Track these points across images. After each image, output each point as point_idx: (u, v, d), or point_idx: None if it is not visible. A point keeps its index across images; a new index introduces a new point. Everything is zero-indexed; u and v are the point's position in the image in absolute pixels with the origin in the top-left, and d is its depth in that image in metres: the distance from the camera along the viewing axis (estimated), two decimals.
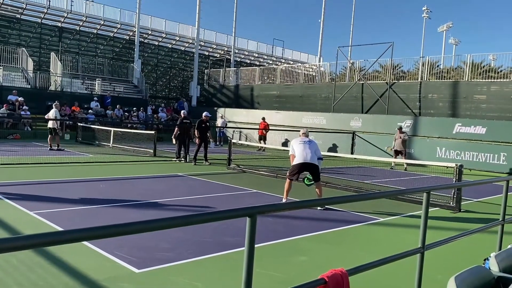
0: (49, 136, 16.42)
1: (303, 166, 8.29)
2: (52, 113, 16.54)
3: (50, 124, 16.50)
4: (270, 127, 23.23)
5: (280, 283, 4.32)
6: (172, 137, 15.50)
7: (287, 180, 8.49)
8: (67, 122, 22.49)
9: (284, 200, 8.38)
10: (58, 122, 16.98)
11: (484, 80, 20.50)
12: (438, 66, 27.50)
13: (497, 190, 11.41)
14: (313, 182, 8.52)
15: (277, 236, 6.05)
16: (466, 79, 20.69)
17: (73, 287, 3.95)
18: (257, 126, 23.17)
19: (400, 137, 16.50)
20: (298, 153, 8.37)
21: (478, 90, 19.88)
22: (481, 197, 10.64)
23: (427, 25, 54.76)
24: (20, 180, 9.56)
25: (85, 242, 5.03)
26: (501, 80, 19.85)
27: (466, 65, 21.40)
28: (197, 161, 14.49)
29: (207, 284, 4.22)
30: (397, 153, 16.51)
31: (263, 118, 23.17)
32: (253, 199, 8.93)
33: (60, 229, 5.77)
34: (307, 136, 8.76)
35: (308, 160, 8.24)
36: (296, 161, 8.36)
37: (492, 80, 20.26)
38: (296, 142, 8.58)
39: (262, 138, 22.66)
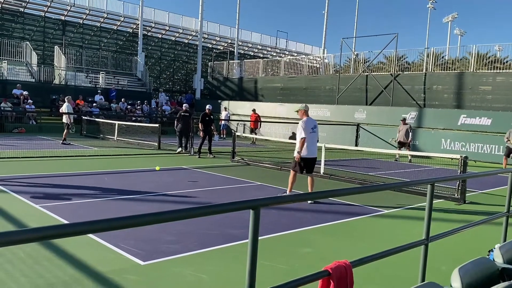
0: (65, 130, 16.51)
1: (312, 161, 8.07)
2: (64, 108, 16.60)
3: (64, 119, 16.62)
4: (274, 120, 23.17)
5: (284, 274, 4.34)
6: (175, 127, 15.91)
7: (292, 173, 8.19)
8: (73, 115, 22.55)
9: (288, 193, 8.26)
10: (71, 116, 17.02)
11: (489, 71, 20.33)
12: (443, 57, 27.28)
13: (502, 181, 11.37)
14: None
15: (281, 228, 6.07)
16: (472, 70, 20.53)
17: (79, 279, 3.98)
18: (261, 119, 23.05)
19: (404, 129, 16.32)
20: (309, 144, 7.85)
21: (484, 81, 19.72)
22: (486, 189, 10.60)
23: (432, 16, 54.29)
24: (26, 173, 9.62)
25: (90, 235, 5.06)
26: (507, 71, 19.67)
27: (472, 56, 21.22)
28: (201, 154, 14.52)
29: (211, 276, 4.25)
30: (401, 144, 16.39)
31: (254, 110, 22.98)
32: (257, 191, 8.95)
33: (65, 222, 5.82)
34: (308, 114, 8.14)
35: (316, 154, 8.15)
36: (307, 154, 7.91)
37: (498, 71, 20.09)
38: (308, 127, 7.90)
39: (254, 130, 22.43)
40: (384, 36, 23.43)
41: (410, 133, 16.35)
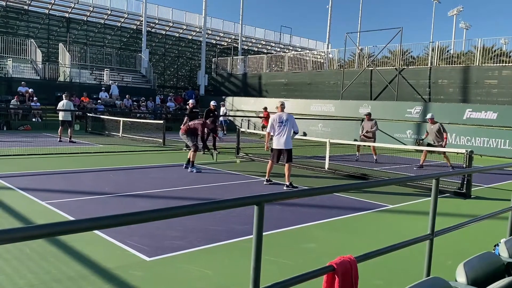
0: (60, 127, 16.35)
1: (280, 151, 8.87)
2: (61, 105, 16.53)
3: (60, 116, 16.45)
4: None
5: (289, 270, 4.35)
6: (182, 126, 15.61)
7: (270, 162, 9.08)
8: (77, 112, 22.62)
9: (265, 178, 9.15)
10: (71, 113, 16.88)
11: (495, 64, 20.19)
12: (448, 51, 27.12)
13: (508, 176, 11.32)
14: None
15: (285, 223, 6.08)
16: (477, 64, 20.39)
17: (85, 275, 4.01)
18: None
19: (370, 126, 14.01)
20: (275, 136, 8.80)
21: (489, 75, 19.59)
22: (491, 183, 10.56)
23: (437, 10, 53.82)
24: (31, 170, 9.67)
25: (96, 231, 5.09)
26: None
27: (477, 50, 21.09)
28: (205, 149, 14.50)
29: (216, 272, 4.27)
30: (366, 138, 14.15)
31: (265, 108, 22.95)
32: (261, 187, 8.95)
33: (71, 218, 5.86)
34: (283, 109, 9.04)
35: (283, 146, 8.71)
36: (274, 145, 8.85)
37: (504, 64, 19.93)
38: (276, 121, 8.80)
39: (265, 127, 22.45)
40: (388, 31, 23.34)
41: (375, 129, 14.14)
